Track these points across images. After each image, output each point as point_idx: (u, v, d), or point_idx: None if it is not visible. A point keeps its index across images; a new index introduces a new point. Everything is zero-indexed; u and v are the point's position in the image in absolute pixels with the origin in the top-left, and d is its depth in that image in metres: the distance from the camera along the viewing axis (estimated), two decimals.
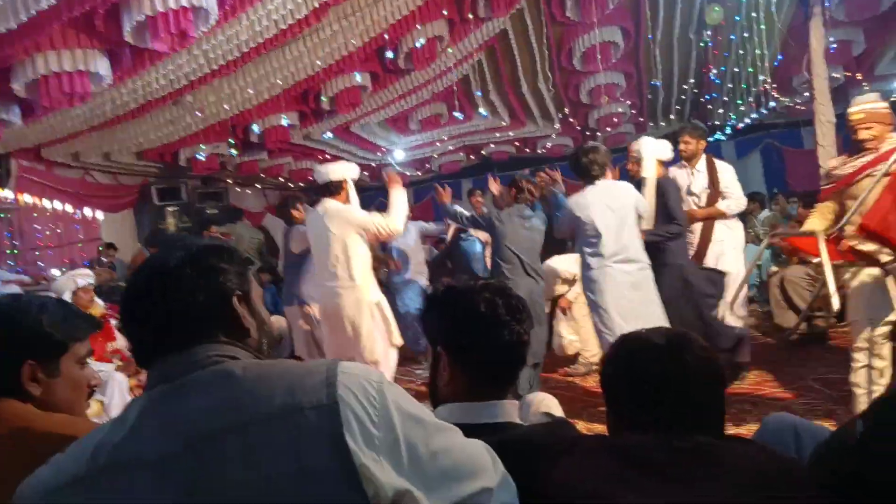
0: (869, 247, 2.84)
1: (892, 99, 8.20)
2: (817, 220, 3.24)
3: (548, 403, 1.33)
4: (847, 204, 3.10)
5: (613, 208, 3.69)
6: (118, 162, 7.34)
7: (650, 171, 4.10)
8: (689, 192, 4.57)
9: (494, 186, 4.53)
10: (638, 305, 3.62)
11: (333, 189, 3.97)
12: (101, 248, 7.50)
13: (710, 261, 4.43)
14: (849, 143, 3.19)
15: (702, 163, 4.58)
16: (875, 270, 2.90)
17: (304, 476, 0.81)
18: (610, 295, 3.62)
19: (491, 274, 4.12)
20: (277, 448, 0.82)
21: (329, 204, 3.94)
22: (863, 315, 2.97)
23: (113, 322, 4.48)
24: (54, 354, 1.25)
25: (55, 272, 6.03)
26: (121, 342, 4.38)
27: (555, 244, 4.76)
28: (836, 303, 2.75)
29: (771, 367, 4.40)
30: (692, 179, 4.58)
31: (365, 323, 3.83)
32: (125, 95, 5.16)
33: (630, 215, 3.74)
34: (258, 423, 0.83)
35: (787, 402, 3.67)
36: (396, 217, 3.92)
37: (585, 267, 3.76)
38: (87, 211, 7.41)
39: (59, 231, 7.18)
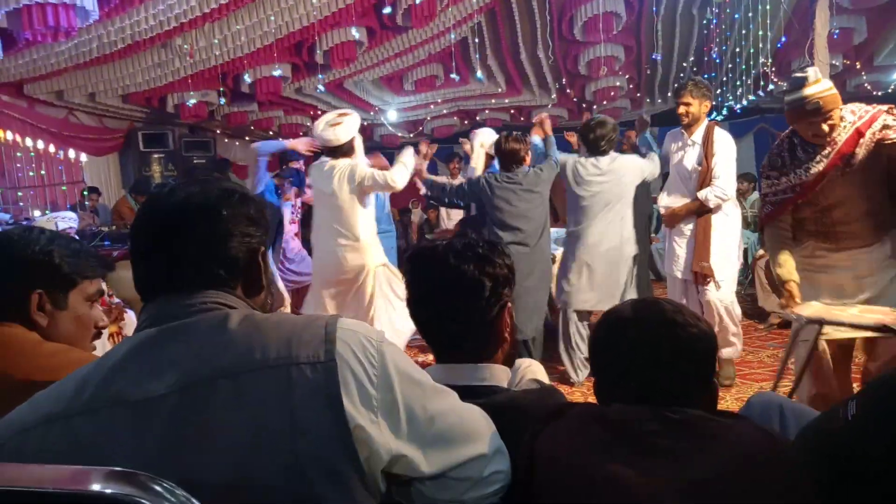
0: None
1: (890, 90, 8.25)
2: (789, 266, 2.58)
3: (534, 370, 1.31)
4: (814, 214, 2.52)
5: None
6: (103, 104, 7.15)
7: (478, 162, 4.31)
8: (680, 168, 3.73)
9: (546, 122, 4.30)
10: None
11: (346, 150, 3.72)
12: (84, 193, 7.35)
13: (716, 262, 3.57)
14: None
15: (699, 132, 3.64)
16: None
17: (294, 430, 0.78)
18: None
19: None
20: (269, 398, 0.79)
21: (340, 163, 3.70)
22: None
23: None
24: (63, 287, 1.27)
25: (36, 213, 5.89)
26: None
27: None
28: None
29: (751, 349, 4.47)
30: (685, 153, 3.71)
31: (368, 286, 3.72)
32: (112, 34, 4.99)
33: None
34: (250, 372, 0.80)
35: (765, 385, 3.72)
36: (398, 170, 3.67)
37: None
38: (71, 153, 7.23)
39: (42, 172, 7.00)
